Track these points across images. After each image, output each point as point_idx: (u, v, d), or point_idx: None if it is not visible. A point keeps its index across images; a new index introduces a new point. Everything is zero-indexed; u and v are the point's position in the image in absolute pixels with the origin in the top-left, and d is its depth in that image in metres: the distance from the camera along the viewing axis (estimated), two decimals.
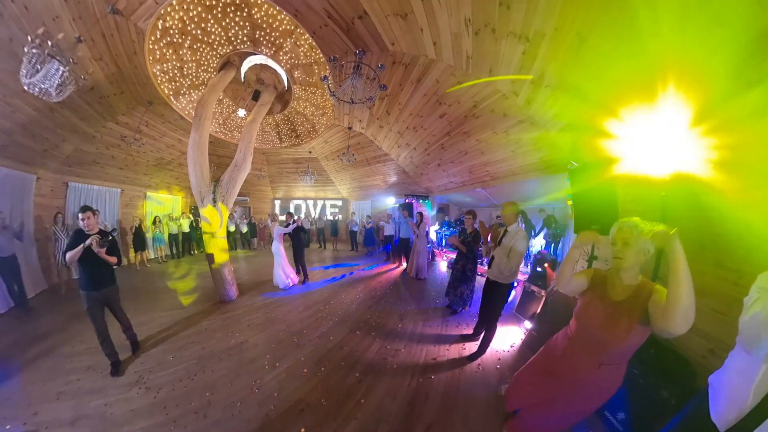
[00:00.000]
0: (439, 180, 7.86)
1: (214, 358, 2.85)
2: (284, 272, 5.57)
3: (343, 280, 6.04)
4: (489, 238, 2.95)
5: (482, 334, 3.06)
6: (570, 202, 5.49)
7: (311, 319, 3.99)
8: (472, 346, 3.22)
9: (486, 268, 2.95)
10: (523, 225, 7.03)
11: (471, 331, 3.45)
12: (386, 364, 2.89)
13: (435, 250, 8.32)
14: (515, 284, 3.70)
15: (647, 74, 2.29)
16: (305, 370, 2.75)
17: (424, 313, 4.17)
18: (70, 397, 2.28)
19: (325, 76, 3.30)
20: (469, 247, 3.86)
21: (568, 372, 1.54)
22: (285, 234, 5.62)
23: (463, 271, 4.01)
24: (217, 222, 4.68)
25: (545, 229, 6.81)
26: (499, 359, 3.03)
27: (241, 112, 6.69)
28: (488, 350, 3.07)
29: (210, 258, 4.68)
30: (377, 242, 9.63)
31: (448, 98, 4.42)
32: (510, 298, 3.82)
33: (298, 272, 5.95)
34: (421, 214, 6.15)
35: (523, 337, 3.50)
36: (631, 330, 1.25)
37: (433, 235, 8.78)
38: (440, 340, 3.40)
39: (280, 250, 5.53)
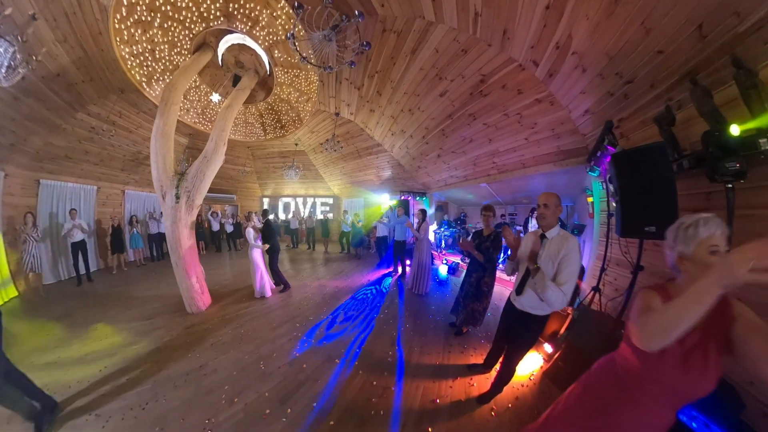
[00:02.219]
0: (438, 174, 7.10)
1: (169, 383, 2.46)
2: (263, 279, 4.88)
3: (326, 292, 5.16)
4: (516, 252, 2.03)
5: (497, 367, 2.36)
6: (590, 199, 4.81)
7: (284, 338, 3.37)
8: (482, 381, 2.53)
9: (512, 289, 2.08)
10: (536, 226, 6.31)
11: (481, 360, 2.74)
12: (370, 408, 2.22)
13: (433, 252, 7.57)
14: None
15: (696, 36, 1.88)
16: (267, 411, 2.21)
17: (422, 335, 3.42)
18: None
19: (291, 34, 2.55)
20: (488, 255, 3.02)
21: (627, 425, 1.10)
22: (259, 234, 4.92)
23: (477, 285, 3.14)
24: None
25: None
26: (517, 398, 2.36)
27: (215, 97, 5.98)
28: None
29: None
30: (367, 242, 8.87)
31: (449, 72, 3.68)
32: None
33: (277, 282, 5.22)
34: (423, 212, 5.11)
35: (543, 365, 2.80)
36: (720, 367, 0.92)
37: (431, 236, 8.01)
38: (441, 372, 2.69)
39: (254, 255, 4.84)
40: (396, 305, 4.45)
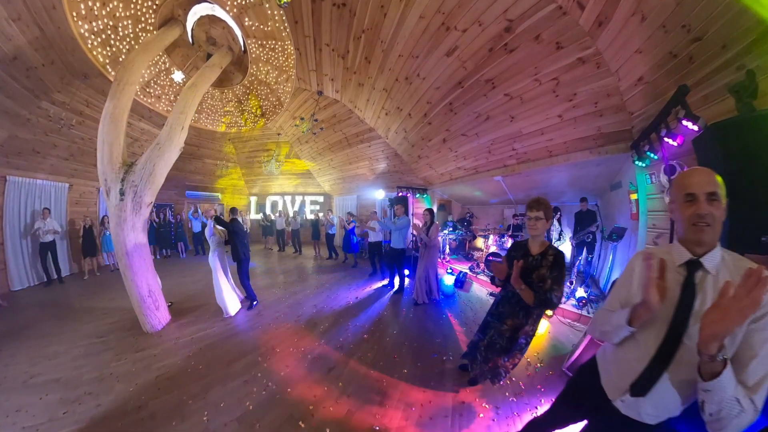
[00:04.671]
0: (443, 165, 6.01)
1: (103, 425, 2.09)
2: (222, 294, 4.01)
3: (302, 313, 4.12)
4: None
5: None
6: (634, 196, 3.90)
7: (240, 379, 2.58)
8: None
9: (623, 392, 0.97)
10: (558, 231, 5.36)
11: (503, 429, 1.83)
12: None
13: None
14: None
15: None
16: None
17: (423, 383, 2.43)
18: None
19: None
20: (543, 295, 1.65)
21: None
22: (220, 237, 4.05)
23: (512, 337, 1.90)
24: None
25: (578, 228, 5.02)
26: None
27: (178, 76, 5.08)
28: None
29: None
30: (362, 248, 7.81)
31: (461, 18, 2.72)
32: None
33: (247, 295, 4.34)
34: (431, 211, 4.30)
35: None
36: None
37: None
38: None
39: (216, 262, 3.97)
40: (389, 336, 3.43)
